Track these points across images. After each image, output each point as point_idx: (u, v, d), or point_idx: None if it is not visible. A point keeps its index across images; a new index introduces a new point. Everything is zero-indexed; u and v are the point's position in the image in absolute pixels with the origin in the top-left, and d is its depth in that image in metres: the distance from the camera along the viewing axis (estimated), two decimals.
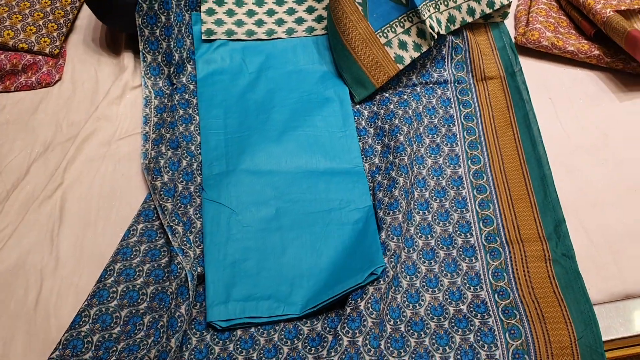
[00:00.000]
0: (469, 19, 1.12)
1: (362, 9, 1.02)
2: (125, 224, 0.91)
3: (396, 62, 1.05)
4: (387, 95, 1.07)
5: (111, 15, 1.08)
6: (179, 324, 0.77)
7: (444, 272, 0.86)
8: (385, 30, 1.04)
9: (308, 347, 0.78)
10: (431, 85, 1.10)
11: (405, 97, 1.07)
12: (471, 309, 0.82)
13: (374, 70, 1.06)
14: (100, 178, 0.97)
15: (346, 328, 0.75)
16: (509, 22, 1.21)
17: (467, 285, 0.85)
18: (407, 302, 0.83)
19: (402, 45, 1.04)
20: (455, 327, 0.80)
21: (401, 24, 1.03)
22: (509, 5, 1.17)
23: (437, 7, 1.06)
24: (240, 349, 0.79)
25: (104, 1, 1.06)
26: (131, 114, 1.06)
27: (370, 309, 0.77)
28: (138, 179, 0.97)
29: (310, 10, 1.19)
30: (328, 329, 0.79)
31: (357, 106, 1.08)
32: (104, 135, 1.02)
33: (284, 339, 0.79)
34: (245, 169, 0.96)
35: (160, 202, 0.90)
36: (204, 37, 1.12)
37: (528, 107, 1.03)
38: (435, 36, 1.03)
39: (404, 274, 0.86)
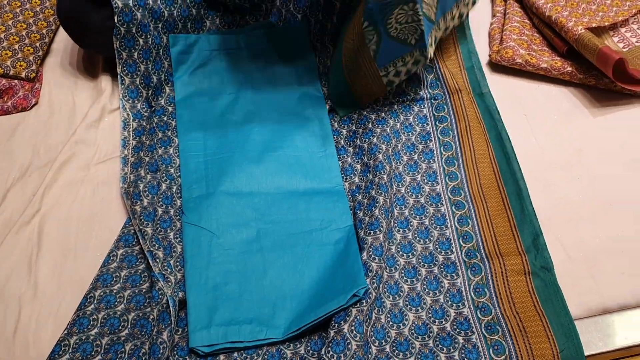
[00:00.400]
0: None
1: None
2: (105, 249, 0.90)
3: (387, 86, 1.06)
4: (365, 113, 1.08)
5: (88, 38, 1.08)
6: (161, 351, 0.76)
7: (427, 290, 0.87)
8: (387, 67, 1.04)
9: None
10: (408, 102, 1.12)
11: (383, 114, 1.08)
12: (455, 327, 0.82)
13: (365, 95, 1.07)
14: (79, 203, 0.96)
15: (330, 352, 0.75)
16: (483, 40, 1.23)
17: (450, 302, 0.85)
18: (391, 322, 0.83)
19: (397, 73, 1.05)
20: (440, 346, 0.81)
21: (402, 60, 1.04)
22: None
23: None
24: None
25: (81, 24, 1.06)
26: (110, 137, 1.05)
27: (354, 332, 0.77)
28: (117, 203, 0.96)
29: None
30: (312, 352, 0.79)
31: (336, 125, 1.09)
32: (82, 159, 1.02)
33: None
34: (225, 190, 0.96)
35: (140, 227, 0.89)
36: None
37: (500, 127, 1.05)
38: (428, 62, 1.04)
39: (387, 293, 0.86)
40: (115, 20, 1.02)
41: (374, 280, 0.84)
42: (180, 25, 1.14)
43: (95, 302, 0.83)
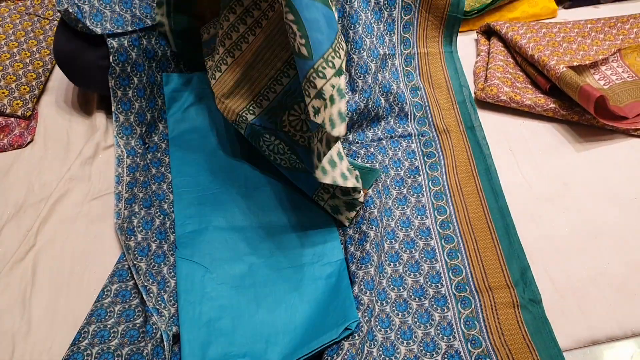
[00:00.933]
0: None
1: None
2: (99, 285, 0.91)
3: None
4: (355, 149, 1.11)
5: (84, 77, 1.10)
6: None
7: (418, 323, 0.88)
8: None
9: None
10: (396, 138, 1.14)
11: (372, 150, 1.10)
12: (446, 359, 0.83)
13: None
14: (73, 239, 0.97)
15: None
16: (469, 79, 1.26)
17: (441, 335, 0.86)
18: (383, 356, 0.84)
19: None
20: None
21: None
22: None
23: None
24: None
25: (77, 64, 1.08)
26: (104, 174, 1.07)
27: None
28: (111, 239, 0.97)
29: None
30: None
31: None
32: (76, 195, 1.03)
33: None
34: (218, 225, 0.98)
35: (134, 262, 0.90)
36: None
37: (489, 162, 1.07)
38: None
39: (379, 327, 0.87)
40: (111, 60, 1.05)
41: (366, 314, 0.85)
42: (173, 64, 1.17)
43: (89, 337, 0.83)
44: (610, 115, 1.10)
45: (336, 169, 0.89)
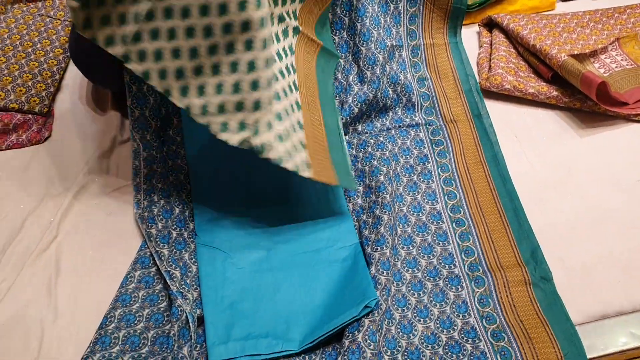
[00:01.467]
0: None
1: None
2: (122, 273, 0.93)
3: None
4: (364, 138, 1.14)
5: (99, 73, 1.13)
6: None
7: (433, 302, 0.91)
8: None
9: None
10: (404, 127, 1.18)
11: (381, 139, 1.13)
12: (462, 335, 0.86)
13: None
14: (94, 229, 0.99)
15: None
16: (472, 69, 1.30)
17: (456, 313, 0.89)
18: (401, 333, 0.87)
19: None
20: (450, 353, 0.84)
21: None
22: None
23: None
24: None
25: (92, 61, 1.11)
26: (121, 167, 1.10)
27: (368, 341, 0.81)
28: (131, 228, 1.00)
29: None
30: None
31: None
32: (95, 188, 1.06)
33: None
34: (235, 213, 1.01)
35: (157, 249, 0.93)
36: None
37: (496, 149, 1.11)
38: None
39: (395, 306, 0.90)
40: None
41: (383, 293, 0.88)
42: None
43: (115, 321, 0.86)
44: (612, 101, 1.13)
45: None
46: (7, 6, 1.32)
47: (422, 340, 0.86)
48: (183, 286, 0.89)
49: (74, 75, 1.25)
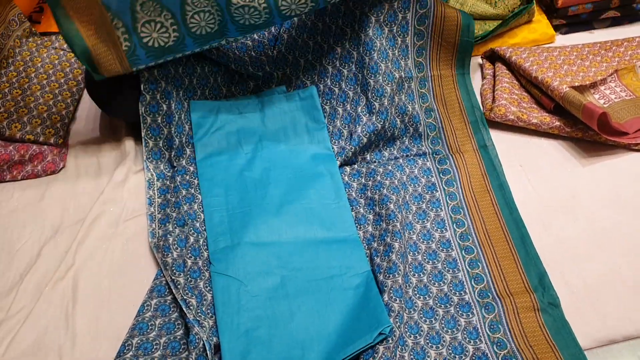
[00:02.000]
0: None
1: None
2: (138, 301, 0.95)
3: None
4: (373, 167, 1.16)
5: (113, 105, 1.16)
6: None
7: (445, 328, 0.93)
8: None
9: None
10: (412, 156, 1.21)
11: (390, 168, 1.16)
12: None
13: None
14: (110, 258, 1.01)
15: None
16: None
17: (467, 339, 0.91)
18: (414, 359, 0.88)
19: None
20: None
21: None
22: None
23: None
24: None
25: (109, 93, 1.14)
26: (135, 197, 1.12)
27: None
28: (146, 257, 1.02)
29: None
30: None
31: (346, 179, 1.16)
32: (110, 217, 1.08)
33: None
34: (249, 241, 1.02)
35: (173, 277, 0.95)
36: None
37: (502, 178, 1.14)
38: None
39: (408, 333, 0.92)
40: (142, 88, 1.11)
41: (397, 320, 0.89)
42: (199, 92, 1.23)
43: (133, 349, 0.87)
44: (612, 131, 1.17)
45: None
46: (22, 40, 1.35)
47: None
48: (199, 314, 0.91)
49: (87, 107, 1.28)
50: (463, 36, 1.25)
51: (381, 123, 1.17)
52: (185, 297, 0.92)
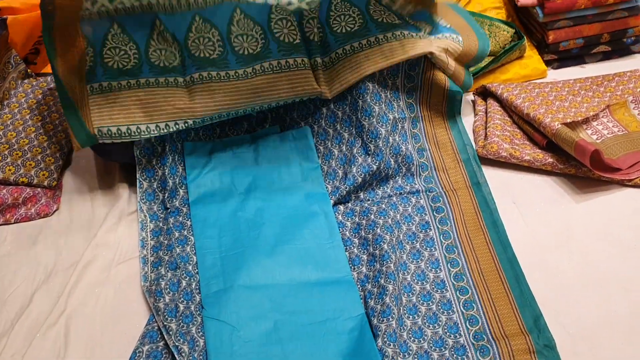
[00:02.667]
0: None
1: None
2: (130, 347, 0.94)
3: None
4: (367, 205, 1.16)
5: (107, 147, 1.16)
6: None
7: None
8: None
9: None
10: (405, 195, 1.21)
11: (384, 206, 1.16)
12: None
13: None
14: (103, 303, 1.01)
15: None
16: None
17: None
18: None
19: None
20: None
21: None
22: None
23: None
24: None
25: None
26: (128, 239, 1.12)
27: None
28: (139, 301, 1.02)
29: None
30: None
31: (340, 218, 1.16)
32: (103, 260, 1.07)
33: None
34: (242, 284, 1.02)
35: (165, 323, 0.94)
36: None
37: (495, 216, 1.14)
38: None
39: None
40: None
41: None
42: (193, 133, 1.24)
43: None
44: (605, 168, 1.17)
45: None
46: (18, 81, 1.36)
47: None
48: None
49: (81, 149, 1.29)
50: (452, 86, 1.28)
51: (376, 164, 1.18)
52: (177, 344, 0.91)
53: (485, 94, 1.42)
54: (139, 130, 1.13)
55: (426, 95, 1.30)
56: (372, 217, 1.13)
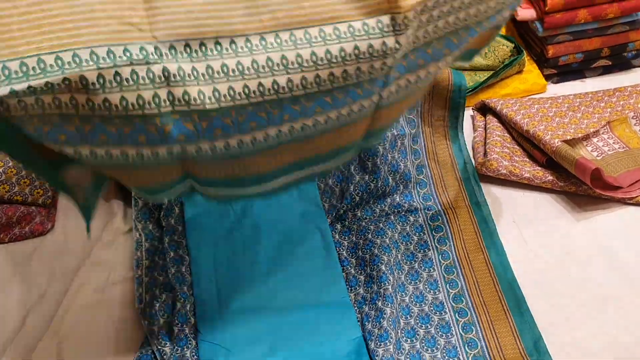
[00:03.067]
0: None
1: None
2: None
3: None
4: (364, 224, 1.15)
5: None
6: None
7: None
8: None
9: None
10: (403, 213, 1.19)
11: (381, 225, 1.14)
12: None
13: None
14: (97, 325, 1.00)
15: None
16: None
17: None
18: None
19: None
20: None
21: None
22: None
23: None
24: None
25: None
26: (123, 258, 1.10)
27: None
28: (134, 323, 1.00)
29: None
30: None
31: (337, 237, 1.15)
32: (97, 281, 1.06)
33: None
34: (237, 306, 1.01)
35: (159, 347, 0.93)
36: None
37: (495, 236, 1.12)
38: None
39: None
40: None
41: None
42: None
43: None
44: (606, 186, 1.16)
45: None
46: None
47: None
48: None
49: None
50: (455, 96, 1.26)
51: (374, 182, 1.17)
52: None
53: (484, 109, 1.40)
54: None
55: (428, 109, 1.28)
56: (370, 236, 1.12)
